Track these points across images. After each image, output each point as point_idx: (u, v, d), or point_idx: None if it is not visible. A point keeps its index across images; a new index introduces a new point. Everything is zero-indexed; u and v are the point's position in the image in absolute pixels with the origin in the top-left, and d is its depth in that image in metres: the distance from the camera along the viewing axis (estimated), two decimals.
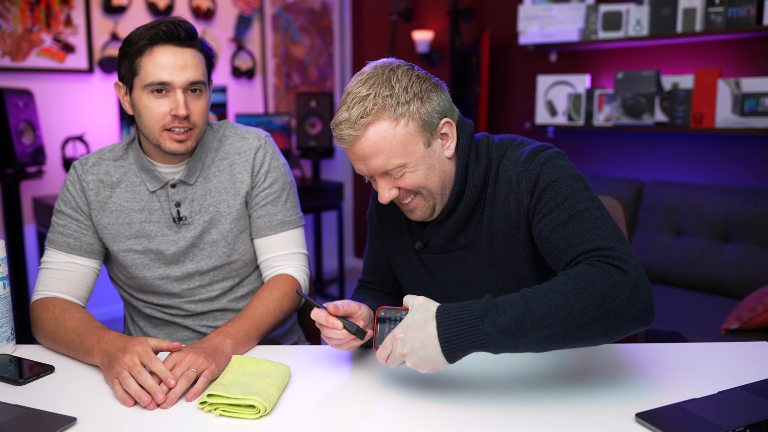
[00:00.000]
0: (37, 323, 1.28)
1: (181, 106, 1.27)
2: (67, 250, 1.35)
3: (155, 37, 1.26)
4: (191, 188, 1.38)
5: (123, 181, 1.38)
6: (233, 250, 1.40)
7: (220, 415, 0.98)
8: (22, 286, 3.08)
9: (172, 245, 1.37)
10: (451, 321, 0.95)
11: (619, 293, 0.94)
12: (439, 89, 1.17)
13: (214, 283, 1.41)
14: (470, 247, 1.23)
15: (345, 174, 4.81)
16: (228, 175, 1.40)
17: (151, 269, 1.38)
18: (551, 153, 1.16)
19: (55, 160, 3.40)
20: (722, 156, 3.01)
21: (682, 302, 2.66)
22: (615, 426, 0.93)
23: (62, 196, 1.38)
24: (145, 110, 1.29)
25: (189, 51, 1.29)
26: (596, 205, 1.09)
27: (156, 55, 1.26)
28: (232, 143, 1.43)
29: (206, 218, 1.38)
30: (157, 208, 1.37)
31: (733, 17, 2.71)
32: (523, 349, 0.95)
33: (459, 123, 1.22)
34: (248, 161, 1.41)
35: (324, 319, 1.10)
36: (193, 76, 1.28)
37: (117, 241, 1.37)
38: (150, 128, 1.30)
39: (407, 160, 1.13)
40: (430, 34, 4.05)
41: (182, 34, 1.27)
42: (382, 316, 1.07)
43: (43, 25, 3.34)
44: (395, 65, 1.15)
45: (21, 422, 0.95)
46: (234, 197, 1.40)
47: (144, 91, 1.28)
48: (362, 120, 1.10)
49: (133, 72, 1.28)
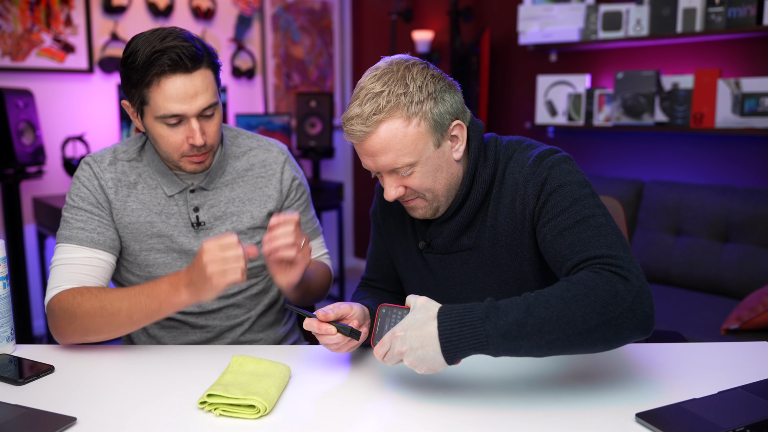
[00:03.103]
0: (68, 313, 1.20)
1: (197, 136, 1.24)
2: (90, 245, 1.31)
3: (161, 70, 1.19)
4: (210, 193, 1.38)
5: (139, 182, 1.37)
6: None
7: (220, 415, 0.98)
8: (22, 286, 3.08)
9: (195, 246, 1.36)
10: (452, 322, 0.95)
11: (621, 302, 0.94)
12: (452, 90, 1.16)
13: None
14: (473, 249, 1.23)
15: (345, 174, 4.81)
16: (252, 186, 1.41)
17: (173, 268, 1.37)
18: (559, 157, 1.16)
19: (55, 160, 3.40)
20: (722, 156, 3.01)
21: (682, 302, 2.66)
22: (615, 426, 0.93)
23: (78, 192, 1.34)
24: (160, 139, 1.27)
25: (197, 75, 1.22)
26: (602, 212, 1.09)
27: (164, 87, 1.21)
28: (256, 154, 1.44)
29: (228, 227, 1.38)
30: (174, 212, 1.36)
31: (733, 17, 2.71)
32: (523, 353, 0.95)
33: (471, 124, 1.21)
34: (275, 175, 1.43)
35: (317, 328, 1.10)
36: (205, 101, 1.24)
37: (139, 240, 1.36)
38: (167, 154, 1.29)
39: (416, 160, 1.12)
40: (430, 34, 4.05)
41: (188, 64, 1.21)
42: (383, 313, 1.07)
43: (43, 25, 3.34)
44: (411, 62, 1.13)
45: (21, 422, 0.95)
46: (259, 208, 1.40)
47: (157, 121, 1.25)
48: (374, 117, 1.09)
49: (142, 101, 1.24)
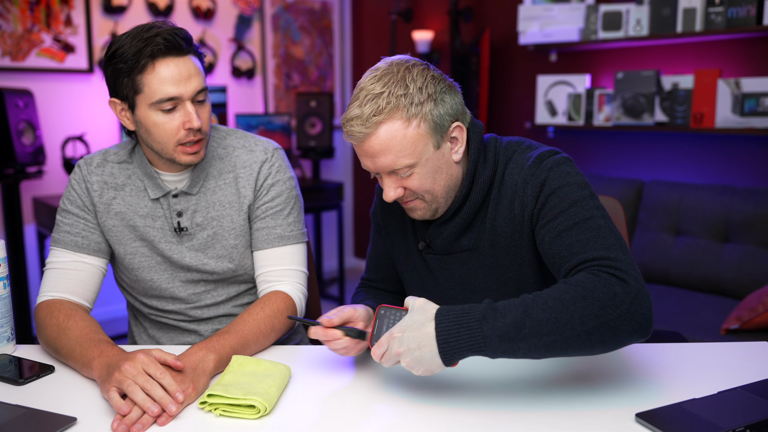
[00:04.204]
0: (40, 328, 1.24)
1: (194, 118, 1.23)
2: (74, 249, 1.32)
3: (155, 51, 1.19)
4: (194, 198, 1.35)
5: (128, 184, 1.36)
6: (239, 265, 1.38)
7: (220, 415, 0.98)
8: (22, 286, 3.08)
9: (176, 253, 1.35)
10: (450, 323, 0.95)
11: (620, 304, 0.94)
12: (453, 91, 1.16)
13: (219, 288, 1.40)
14: (473, 250, 1.23)
15: (345, 174, 4.81)
16: (233, 189, 1.36)
17: (157, 272, 1.36)
18: (559, 158, 1.15)
19: (55, 160, 3.40)
20: (722, 156, 3.01)
21: (682, 302, 2.66)
22: (615, 426, 0.93)
23: (68, 195, 1.36)
24: (156, 128, 1.24)
25: (189, 59, 1.24)
26: (601, 214, 1.08)
27: (159, 69, 1.20)
28: (239, 155, 1.38)
29: (209, 232, 1.36)
30: (160, 215, 1.35)
31: (733, 17, 2.71)
32: (520, 355, 0.95)
33: (470, 126, 1.21)
34: (252, 175, 1.37)
35: (323, 335, 1.10)
36: (198, 84, 1.24)
37: (122, 243, 1.35)
38: (163, 144, 1.26)
39: (416, 161, 1.12)
40: (430, 34, 4.05)
41: (182, 43, 1.21)
42: (382, 314, 1.07)
43: (43, 25, 3.34)
44: (411, 63, 1.13)
45: (21, 422, 0.95)
46: (237, 212, 1.36)
47: (151, 108, 1.22)
48: (374, 118, 1.09)
49: (135, 90, 1.22)
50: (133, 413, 0.95)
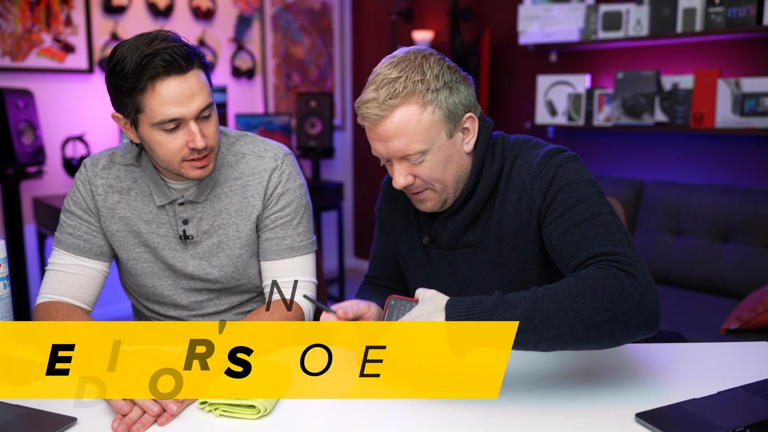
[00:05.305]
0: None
1: (198, 138, 1.18)
2: (76, 252, 1.31)
3: (154, 73, 1.13)
4: (200, 206, 1.33)
5: (133, 188, 1.33)
6: (242, 275, 1.37)
7: (221, 415, 0.98)
8: (22, 287, 3.08)
9: (179, 261, 1.34)
10: (461, 314, 0.95)
11: (628, 298, 0.95)
12: (467, 82, 1.18)
13: (222, 297, 1.39)
14: (477, 245, 1.23)
15: (345, 174, 4.81)
16: (240, 197, 1.33)
17: (160, 279, 1.36)
18: (566, 156, 1.17)
19: (55, 160, 3.40)
20: (722, 156, 3.01)
21: (682, 302, 2.66)
22: (615, 426, 0.93)
23: (72, 195, 1.33)
24: (159, 146, 1.20)
25: (192, 75, 1.17)
26: (608, 211, 1.09)
27: (159, 91, 1.14)
28: (248, 162, 1.34)
29: (215, 241, 1.33)
30: (165, 222, 1.33)
31: (733, 17, 2.71)
32: (530, 346, 0.95)
33: (480, 120, 1.22)
34: (261, 184, 1.33)
35: None
36: (202, 102, 1.18)
37: (126, 248, 1.34)
38: (168, 161, 1.22)
39: (428, 147, 1.13)
40: (430, 34, 4.05)
41: (182, 63, 1.15)
42: (392, 305, 1.07)
43: (43, 25, 3.34)
44: (428, 52, 1.15)
45: (21, 422, 0.95)
46: (244, 221, 1.33)
47: (154, 128, 1.18)
48: (390, 101, 1.10)
49: (136, 109, 1.17)
50: (133, 413, 0.95)
